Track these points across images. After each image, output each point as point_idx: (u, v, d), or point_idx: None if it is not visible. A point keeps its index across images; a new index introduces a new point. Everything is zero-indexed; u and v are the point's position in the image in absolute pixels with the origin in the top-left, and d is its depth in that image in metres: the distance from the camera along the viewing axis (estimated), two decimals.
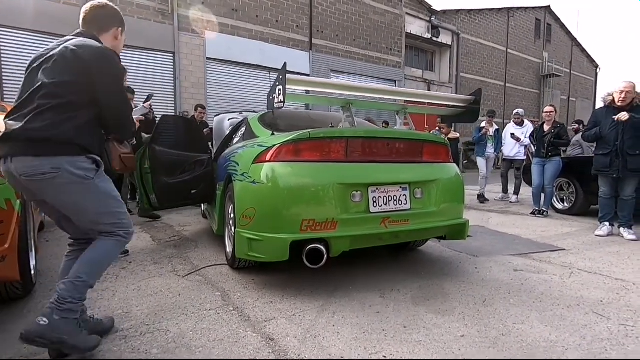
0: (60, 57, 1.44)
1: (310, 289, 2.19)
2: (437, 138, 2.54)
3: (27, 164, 1.37)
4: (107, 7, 1.70)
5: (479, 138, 6.34)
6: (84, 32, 1.60)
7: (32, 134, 1.36)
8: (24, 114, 1.39)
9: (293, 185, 2.03)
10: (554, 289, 2.28)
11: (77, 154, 1.43)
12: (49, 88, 1.40)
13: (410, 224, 2.22)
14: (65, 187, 1.42)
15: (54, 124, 1.38)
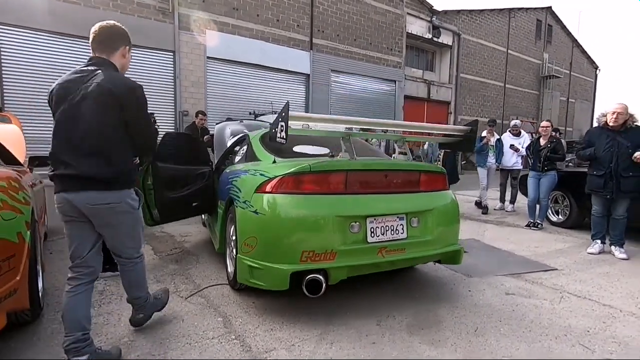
0: (98, 96, 1.65)
1: (309, 314, 2.27)
2: (433, 167, 2.61)
3: (94, 196, 1.66)
4: (115, 27, 1.84)
5: (480, 148, 6.33)
6: (100, 60, 1.77)
7: (101, 173, 1.66)
8: (82, 150, 1.65)
9: (294, 217, 2.10)
10: (543, 316, 2.37)
11: (130, 187, 1.79)
12: (98, 130, 1.66)
13: (407, 253, 2.30)
14: (120, 215, 1.75)
15: (116, 165, 1.69)
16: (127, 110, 1.70)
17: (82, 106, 1.65)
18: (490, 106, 22.60)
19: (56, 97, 1.72)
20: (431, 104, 19.70)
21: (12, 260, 1.72)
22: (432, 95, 19.54)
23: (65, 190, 1.66)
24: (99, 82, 1.66)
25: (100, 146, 1.66)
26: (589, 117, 31.67)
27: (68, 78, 1.73)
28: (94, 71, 1.71)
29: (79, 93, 1.66)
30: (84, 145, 1.65)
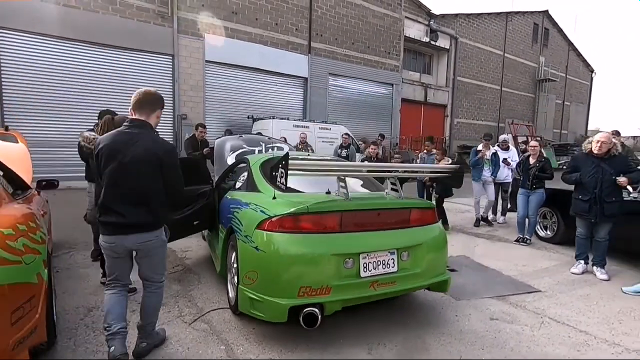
0: (145, 157, 2.05)
1: (305, 343, 2.44)
2: (423, 203, 2.78)
3: (139, 236, 2.10)
4: (155, 94, 2.22)
5: (475, 162, 6.32)
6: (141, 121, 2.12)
7: (146, 218, 2.09)
8: (131, 202, 2.06)
9: (292, 254, 2.26)
10: (523, 343, 2.55)
11: (162, 226, 2.21)
12: (146, 183, 2.07)
13: (397, 285, 2.48)
14: (156, 248, 2.18)
15: (158, 207, 2.12)
16: (165, 168, 2.11)
17: (130, 166, 2.04)
18: (487, 109, 22.83)
19: (105, 156, 2.07)
20: (428, 107, 19.89)
21: (32, 300, 1.87)
22: (429, 99, 19.72)
23: (117, 234, 2.08)
24: (145, 146, 2.06)
25: (143, 198, 2.07)
26: (584, 120, 32.04)
27: (115, 139, 2.09)
28: (138, 134, 2.08)
29: (128, 154, 2.03)
30: (131, 198, 2.06)
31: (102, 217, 2.09)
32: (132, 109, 2.14)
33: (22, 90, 9.56)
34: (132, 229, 2.07)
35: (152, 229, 2.12)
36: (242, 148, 5.18)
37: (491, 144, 6.46)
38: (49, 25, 9.65)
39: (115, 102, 10.66)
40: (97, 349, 2.33)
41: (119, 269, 2.17)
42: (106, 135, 2.14)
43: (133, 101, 2.13)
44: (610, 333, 2.76)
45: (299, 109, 14.99)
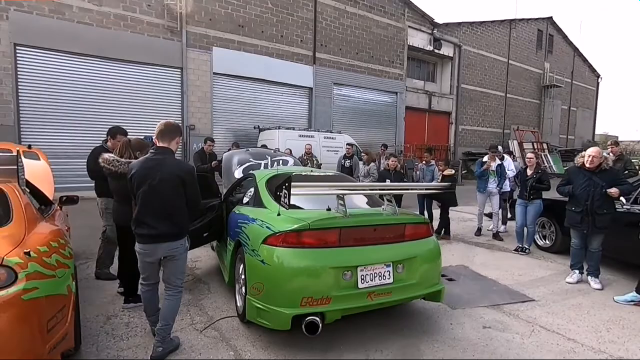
0: (170, 179, 2.46)
1: (308, 349, 2.64)
2: (418, 218, 2.98)
3: (168, 245, 2.49)
4: (173, 124, 2.67)
5: (481, 173, 6.30)
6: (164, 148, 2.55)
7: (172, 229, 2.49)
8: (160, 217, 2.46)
9: (295, 267, 2.47)
10: (512, 350, 2.72)
11: (185, 236, 2.61)
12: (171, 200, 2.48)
13: (393, 296, 2.67)
14: (181, 254, 2.58)
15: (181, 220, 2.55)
16: (187, 186, 2.53)
17: (158, 187, 2.45)
18: (492, 116, 22.91)
19: (137, 179, 2.49)
20: (432, 114, 20.05)
21: (63, 310, 2.10)
22: (433, 106, 19.89)
23: (150, 243, 2.49)
24: (169, 170, 2.48)
25: (170, 213, 2.48)
26: (591, 125, 31.86)
27: (144, 165, 2.51)
28: (162, 159, 2.51)
29: (156, 177, 2.45)
30: (160, 213, 2.46)
31: (137, 229, 2.50)
32: (155, 137, 2.58)
33: (38, 105, 9.98)
34: (161, 239, 2.47)
35: (178, 238, 2.53)
36: (249, 161, 5.42)
37: (497, 155, 6.42)
38: (64, 41, 10.08)
39: (127, 114, 11.09)
40: (118, 355, 2.55)
41: (149, 270, 2.60)
42: (137, 162, 2.59)
43: (156, 132, 2.57)
44: (597, 341, 2.91)
45: (304, 118, 15.27)
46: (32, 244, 2.01)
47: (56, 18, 9.95)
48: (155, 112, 11.90)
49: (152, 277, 2.64)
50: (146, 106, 11.74)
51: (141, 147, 3.43)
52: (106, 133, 4.11)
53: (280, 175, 3.49)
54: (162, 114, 12.10)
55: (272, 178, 3.52)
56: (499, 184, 6.27)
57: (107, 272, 4.02)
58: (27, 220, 2.23)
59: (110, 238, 3.97)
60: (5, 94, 9.49)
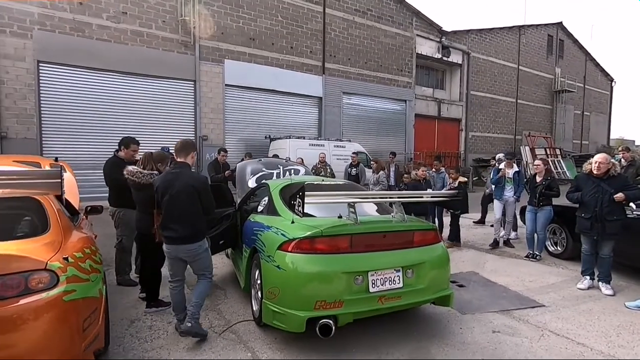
0: (185, 189, 2.86)
1: (321, 351, 2.75)
2: (426, 225, 3.09)
3: (190, 247, 2.90)
4: (188, 142, 3.16)
5: (496, 180, 6.09)
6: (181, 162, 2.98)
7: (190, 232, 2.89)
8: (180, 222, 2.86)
9: (309, 272, 2.61)
10: (521, 354, 2.78)
11: (204, 238, 3.03)
12: (187, 207, 2.87)
13: (402, 300, 2.77)
14: (200, 254, 2.97)
15: (198, 225, 2.94)
16: (201, 195, 2.92)
17: (177, 196, 2.85)
18: (502, 122, 22.80)
19: (161, 189, 2.91)
20: (442, 121, 20.07)
21: (95, 312, 2.27)
22: (443, 113, 19.92)
23: (173, 244, 2.91)
24: (186, 182, 2.88)
25: (189, 218, 2.88)
26: (606, 130, 31.33)
27: (166, 178, 2.95)
28: (180, 172, 2.94)
29: (175, 188, 2.86)
30: (181, 218, 2.86)
31: (164, 232, 2.94)
32: (174, 153, 3.04)
33: (58, 118, 10.43)
34: (181, 240, 2.89)
35: (196, 240, 2.92)
36: (262, 171, 5.60)
37: (514, 162, 6.22)
38: (84, 57, 10.55)
39: (143, 126, 11.47)
40: (141, 354, 2.71)
41: (175, 268, 3.01)
42: (160, 177, 3.06)
43: (175, 149, 3.03)
44: (606, 345, 2.95)
45: (314, 127, 15.49)
46: (69, 251, 2.19)
47: (76, 35, 10.44)
48: (170, 123, 12.28)
49: (179, 274, 3.02)
50: (161, 118, 12.13)
51: (162, 159, 3.64)
52: (118, 143, 4.30)
53: (293, 185, 3.65)
54: (177, 125, 12.48)
55: (285, 187, 3.68)
56: (516, 191, 6.07)
57: (128, 279, 4.21)
58: (63, 229, 2.42)
59: (125, 247, 4.17)
60: (29, 109, 9.95)
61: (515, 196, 6.09)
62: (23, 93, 9.82)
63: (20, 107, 9.80)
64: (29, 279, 1.84)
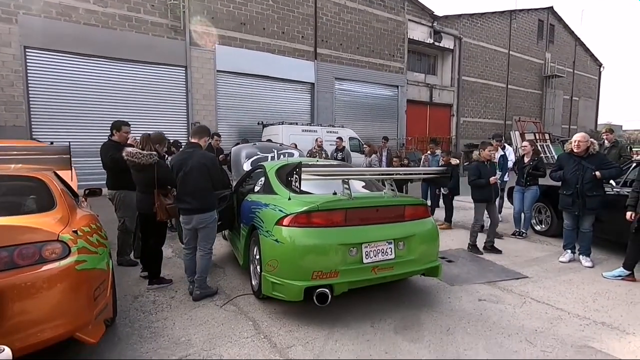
0: (198, 166, 3.25)
1: (319, 318, 2.92)
2: (416, 200, 3.24)
3: (202, 216, 3.28)
4: (202, 127, 3.67)
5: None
6: (194, 143, 3.42)
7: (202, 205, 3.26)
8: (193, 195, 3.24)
9: (306, 245, 2.75)
10: (504, 319, 2.99)
11: (214, 210, 3.40)
12: (199, 183, 3.25)
13: (394, 270, 2.94)
14: (209, 224, 3.34)
15: (208, 198, 3.32)
16: (212, 171, 3.31)
17: (190, 173, 3.23)
18: (493, 107, 23.02)
19: (176, 166, 3.31)
20: (433, 107, 20.20)
21: (104, 283, 2.39)
22: (435, 99, 20.04)
23: (187, 214, 3.30)
24: (197, 160, 3.26)
25: (200, 193, 3.25)
26: (594, 115, 31.82)
27: (180, 157, 3.39)
28: (192, 152, 3.34)
29: (188, 165, 3.24)
30: (193, 192, 3.24)
31: (179, 204, 3.33)
32: (190, 135, 3.53)
33: (47, 105, 10.30)
34: (194, 212, 3.27)
35: (206, 211, 3.30)
36: (257, 155, 5.69)
37: (501, 146, 6.13)
38: (71, 43, 10.36)
39: (135, 113, 11.36)
40: (148, 325, 2.85)
41: (189, 236, 3.40)
42: (175, 156, 3.58)
43: (191, 132, 3.53)
44: (583, 310, 3.17)
45: (306, 113, 15.50)
46: (77, 225, 2.29)
47: (63, 20, 10.22)
48: (162, 110, 12.19)
49: (191, 242, 3.41)
50: (153, 105, 12.03)
51: (160, 141, 3.71)
52: (110, 128, 4.36)
53: (288, 166, 3.76)
54: (169, 112, 12.40)
55: (281, 168, 3.79)
56: (502, 176, 5.99)
57: (128, 259, 4.32)
58: (69, 206, 2.51)
59: (128, 228, 4.27)
60: (17, 96, 9.80)
61: (500, 180, 5.92)
62: (10, 80, 9.66)
63: (8, 94, 9.65)
64: (43, 249, 1.94)
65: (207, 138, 3.49)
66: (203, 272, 3.34)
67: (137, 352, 2.46)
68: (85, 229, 2.34)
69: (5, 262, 1.85)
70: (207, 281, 3.45)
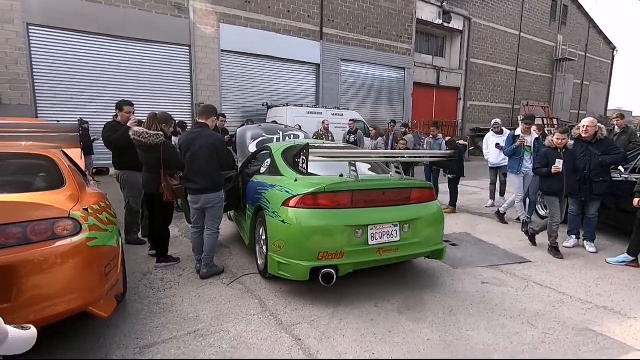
0: (206, 146, 3.26)
1: (324, 298, 2.98)
2: (422, 184, 3.24)
3: (209, 195, 3.32)
4: (209, 107, 3.58)
5: (512, 151, 5.23)
6: (202, 123, 3.41)
7: (210, 185, 3.30)
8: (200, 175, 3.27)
9: (312, 226, 2.77)
10: (506, 301, 3.03)
11: (221, 190, 3.43)
12: (207, 163, 3.27)
13: (399, 252, 2.97)
14: (217, 203, 3.39)
15: (216, 178, 3.36)
16: (219, 151, 3.34)
17: (198, 152, 3.25)
18: (501, 91, 22.62)
19: (184, 146, 3.32)
20: (440, 90, 19.88)
21: (114, 260, 2.44)
22: (442, 82, 19.70)
23: (195, 194, 3.34)
24: (205, 140, 3.27)
25: (208, 172, 3.28)
26: (604, 100, 31.20)
27: (188, 137, 3.38)
28: (200, 132, 3.34)
29: (197, 145, 3.25)
30: (201, 172, 3.26)
31: (186, 184, 3.37)
32: (197, 115, 3.52)
33: (52, 83, 10.25)
34: (202, 191, 3.30)
35: (214, 191, 3.33)
36: (262, 136, 5.67)
37: (534, 129, 5.37)
38: (74, 20, 10.22)
39: (139, 93, 11.30)
40: (157, 301, 2.92)
41: (197, 215, 3.45)
42: (183, 135, 3.57)
43: (198, 112, 3.50)
44: (585, 294, 3.21)
45: (312, 95, 15.33)
46: (87, 203, 2.32)
47: None
48: (166, 90, 12.10)
49: (199, 221, 3.46)
50: (158, 85, 11.94)
51: (166, 120, 3.71)
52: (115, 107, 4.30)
53: (294, 147, 3.75)
54: (173, 92, 12.31)
55: (287, 149, 3.78)
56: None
57: (136, 238, 4.39)
58: (78, 185, 2.54)
59: (134, 208, 4.31)
60: (22, 74, 9.76)
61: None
62: (14, 57, 9.59)
63: (13, 72, 9.60)
64: (55, 226, 1.98)
65: (214, 118, 3.47)
66: (210, 250, 3.39)
67: (148, 327, 2.53)
68: (95, 207, 2.37)
69: (19, 237, 1.89)
70: (214, 260, 3.49)
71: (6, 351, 0.77)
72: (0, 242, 1.85)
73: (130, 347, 2.32)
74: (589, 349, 2.37)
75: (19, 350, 0.79)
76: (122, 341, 2.37)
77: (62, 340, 2.34)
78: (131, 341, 2.37)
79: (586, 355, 2.31)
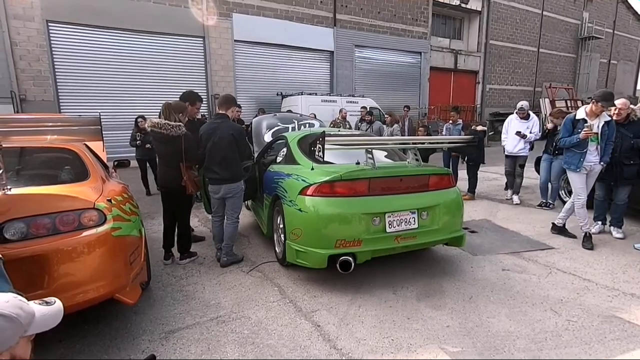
0: (226, 136, 3.32)
1: (342, 285, 3.00)
2: (440, 170, 3.18)
3: (230, 186, 3.39)
4: (228, 96, 3.60)
5: (574, 143, 3.86)
6: (222, 114, 3.45)
7: (230, 175, 3.37)
8: (221, 165, 3.34)
9: (329, 214, 2.77)
10: (528, 288, 2.97)
11: (241, 180, 3.49)
12: (228, 153, 3.33)
13: (417, 239, 2.95)
14: (237, 193, 3.46)
15: (236, 168, 3.41)
16: (239, 142, 3.39)
17: (219, 143, 3.31)
18: (522, 73, 21.81)
19: (205, 136, 3.37)
20: (458, 74, 19.33)
21: (138, 249, 2.52)
22: (460, 65, 19.13)
23: (215, 184, 3.40)
24: (226, 131, 3.33)
25: (228, 162, 3.34)
26: (633, 80, 29.66)
27: (209, 127, 3.41)
28: (220, 123, 3.39)
29: (217, 135, 3.31)
30: (222, 162, 3.33)
31: (207, 174, 3.45)
32: (217, 106, 3.52)
33: (72, 78, 10.50)
34: (222, 181, 3.37)
35: (234, 181, 3.40)
36: (277, 126, 5.67)
37: (607, 110, 3.84)
38: (91, 16, 10.38)
39: (155, 85, 11.45)
40: (180, 289, 3.01)
41: (217, 204, 3.52)
42: (204, 125, 3.51)
43: (218, 101, 3.54)
44: (611, 281, 3.11)
45: (326, 83, 15.18)
46: (110, 194, 2.39)
47: None
48: (182, 82, 12.19)
49: (219, 211, 3.54)
50: (173, 77, 12.04)
51: (182, 109, 3.68)
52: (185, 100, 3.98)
53: (309, 136, 3.74)
54: (189, 84, 12.40)
55: (302, 138, 3.78)
56: (605, 153, 3.84)
57: None
58: (101, 177, 2.61)
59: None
60: (44, 71, 10.03)
61: (602, 163, 3.88)
62: (36, 54, 9.85)
63: (35, 69, 9.88)
64: (81, 216, 2.05)
65: (234, 108, 3.51)
66: (230, 239, 3.47)
67: (172, 313, 2.62)
68: (118, 198, 2.44)
69: (49, 228, 1.97)
70: (233, 249, 3.56)
71: (37, 329, 0.78)
72: (32, 232, 1.94)
73: (156, 332, 2.40)
74: (616, 337, 2.31)
75: (48, 327, 0.80)
76: (148, 326, 2.46)
77: (94, 325, 2.45)
78: (157, 326, 2.46)
79: (611, 343, 2.26)
